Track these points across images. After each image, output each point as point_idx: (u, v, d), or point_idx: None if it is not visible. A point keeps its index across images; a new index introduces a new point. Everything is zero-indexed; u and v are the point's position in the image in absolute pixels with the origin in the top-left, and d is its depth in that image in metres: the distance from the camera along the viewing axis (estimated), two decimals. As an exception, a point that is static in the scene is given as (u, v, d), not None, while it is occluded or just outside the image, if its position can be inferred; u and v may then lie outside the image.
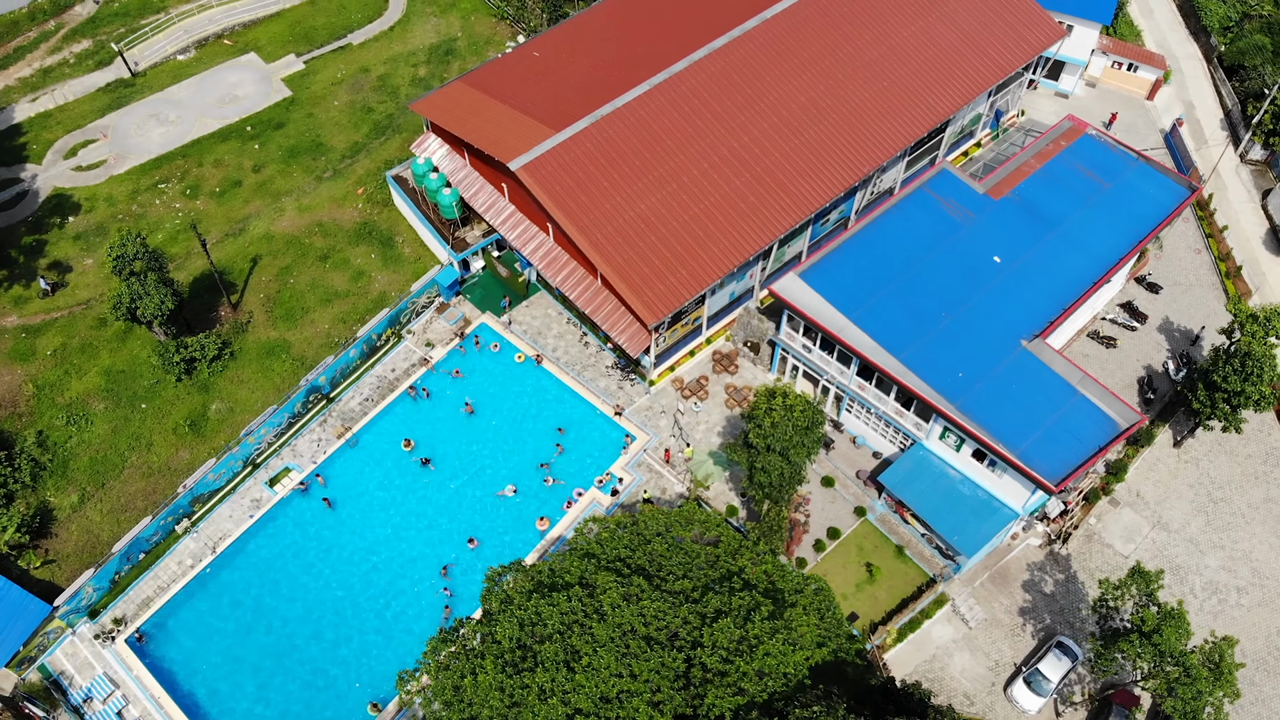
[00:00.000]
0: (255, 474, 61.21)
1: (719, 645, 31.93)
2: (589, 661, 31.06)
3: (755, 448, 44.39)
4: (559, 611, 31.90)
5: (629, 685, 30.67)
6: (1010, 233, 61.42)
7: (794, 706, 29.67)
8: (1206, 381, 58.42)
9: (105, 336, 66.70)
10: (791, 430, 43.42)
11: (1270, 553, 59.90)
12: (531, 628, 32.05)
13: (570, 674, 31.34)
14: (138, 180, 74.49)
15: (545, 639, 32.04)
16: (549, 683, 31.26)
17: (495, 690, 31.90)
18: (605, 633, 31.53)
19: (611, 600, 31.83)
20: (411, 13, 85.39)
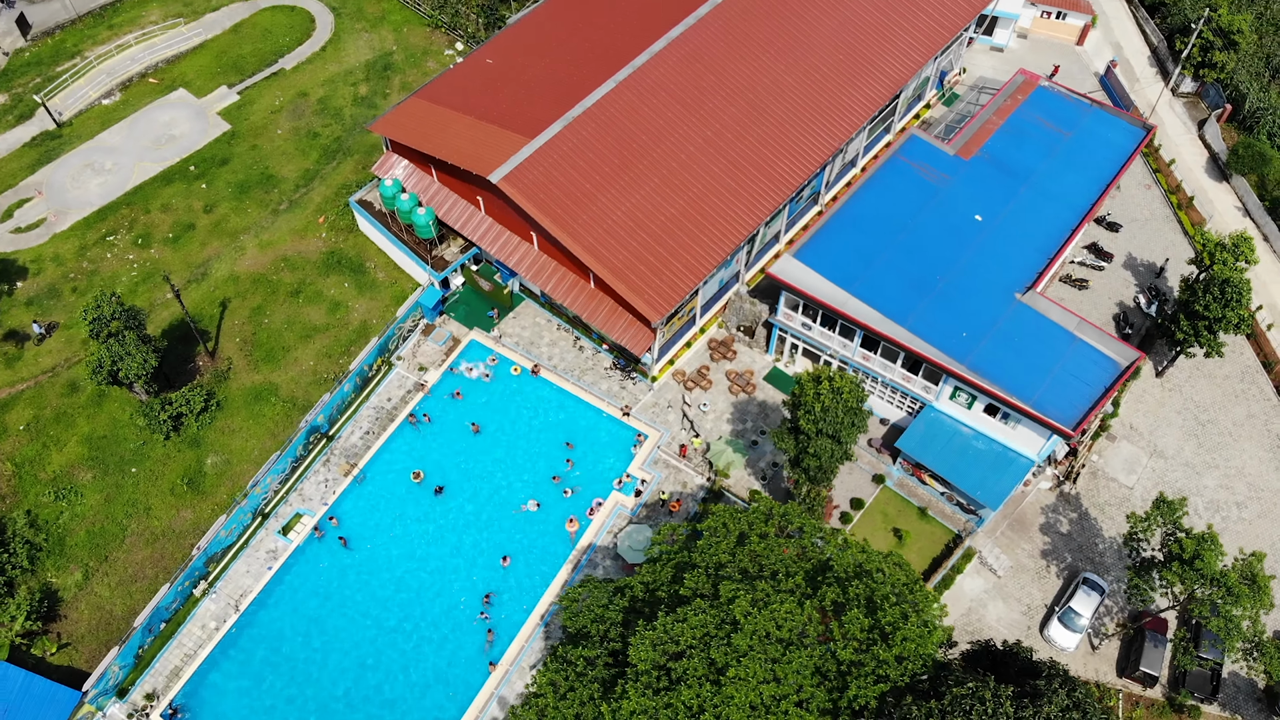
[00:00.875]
0: (266, 524, 59.32)
1: (851, 636, 32.31)
2: (735, 672, 31.12)
3: (806, 433, 44.80)
4: (689, 627, 31.80)
5: (775, 690, 30.88)
6: (986, 190, 62.97)
7: (949, 685, 30.19)
8: (1188, 312, 60.92)
9: (79, 403, 63.62)
10: (842, 412, 43.98)
11: (1261, 465, 63.01)
12: (662, 645, 31.90)
13: (716, 687, 31.34)
14: (83, 235, 70.99)
15: (680, 655, 31.93)
16: (694, 699, 31.23)
17: (642, 715, 31.67)
18: (744, 641, 31.61)
19: (742, 608, 31.88)
20: (341, 31, 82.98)
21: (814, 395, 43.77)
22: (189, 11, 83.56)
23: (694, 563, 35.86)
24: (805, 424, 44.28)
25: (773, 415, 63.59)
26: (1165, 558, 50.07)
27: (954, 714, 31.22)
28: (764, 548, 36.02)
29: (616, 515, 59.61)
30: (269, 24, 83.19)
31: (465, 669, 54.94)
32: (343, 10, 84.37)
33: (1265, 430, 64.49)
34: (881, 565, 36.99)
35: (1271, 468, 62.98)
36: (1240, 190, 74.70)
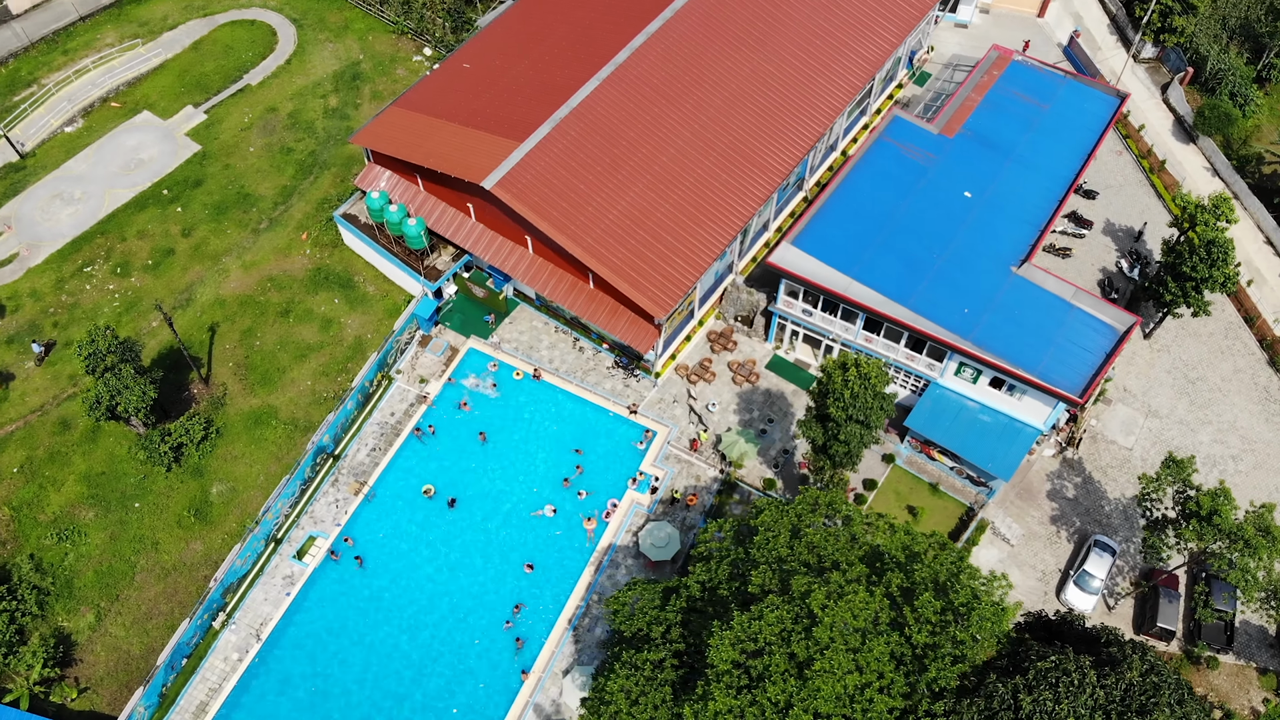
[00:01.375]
0: (280, 549, 58.43)
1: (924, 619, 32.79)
2: (821, 665, 31.41)
3: (835, 420, 45.19)
4: (766, 624, 31.98)
5: (859, 679, 31.22)
6: (972, 167, 63.86)
7: (1030, 660, 30.72)
8: (1175, 273, 62.35)
9: (73, 440, 62.01)
10: (870, 398, 44.45)
11: (1252, 419, 64.87)
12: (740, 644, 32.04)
13: (801, 681, 31.58)
14: (59, 268, 69.06)
15: (758, 653, 32.09)
16: (781, 695, 31.43)
17: (729, 715, 31.80)
18: (825, 634, 31.88)
19: (819, 601, 32.16)
20: (305, 43, 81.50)
21: (842, 382, 44.15)
22: (145, 32, 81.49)
23: (754, 559, 36.06)
24: (835, 411, 44.70)
25: (777, 403, 64.03)
26: (1181, 515, 51.36)
27: (1040, 688, 31.92)
28: (820, 538, 36.37)
29: (634, 514, 59.68)
30: (230, 40, 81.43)
31: (497, 678, 54.75)
32: (304, 21, 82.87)
33: (1253, 384, 66.37)
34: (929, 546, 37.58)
35: (1261, 420, 64.87)
36: (1207, 151, 76.56)
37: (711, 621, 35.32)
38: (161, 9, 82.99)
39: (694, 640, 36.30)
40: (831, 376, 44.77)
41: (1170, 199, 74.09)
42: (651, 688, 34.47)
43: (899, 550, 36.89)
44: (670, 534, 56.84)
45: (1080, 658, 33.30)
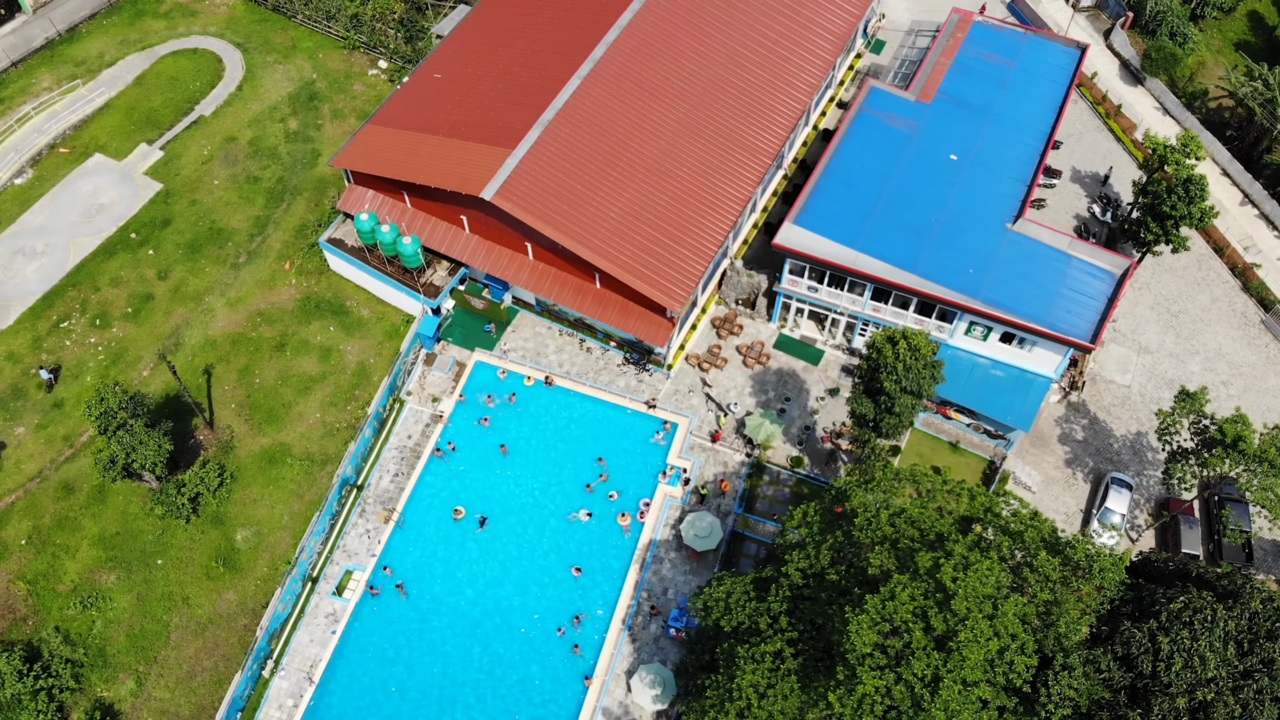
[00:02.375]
0: (318, 588, 57.20)
1: (1045, 577, 33.79)
2: (965, 635, 32.15)
3: (889, 393, 45.99)
4: (901, 603, 32.54)
5: (999, 644, 32.04)
6: (953, 130, 65.23)
7: (1160, 602, 31.82)
8: (1155, 213, 64.66)
9: (80, 504, 59.63)
10: (921, 368, 45.36)
11: (1235, 344, 67.88)
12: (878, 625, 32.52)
13: (946, 654, 32.31)
14: (34, 326, 66.05)
15: (893, 632, 32.64)
16: (927, 669, 32.09)
17: (877, 695, 32.34)
18: (963, 605, 32.61)
19: (949, 574, 32.85)
20: (253, 67, 78.99)
21: (894, 356, 44.96)
22: (84, 71, 78.02)
23: (859, 541, 36.66)
24: (889, 385, 45.52)
25: (791, 381, 64.80)
26: (1202, 444, 53.57)
27: (1175, 628, 33.23)
28: (918, 513, 37.20)
29: (668, 507, 59.92)
30: (174, 71, 78.47)
31: (560, 689, 54.63)
32: (249, 45, 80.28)
33: (1231, 310, 69.42)
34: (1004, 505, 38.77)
35: (1244, 345, 67.94)
36: (1156, 91, 79.40)
37: (826, 607, 35.88)
38: (96, 46, 79.53)
39: (806, 627, 36.82)
40: (882, 351, 45.54)
41: (1130, 142, 76.76)
42: (777, 678, 34.90)
43: (979, 512, 37.96)
44: (712, 523, 57.26)
45: (1203, 594, 34.82)
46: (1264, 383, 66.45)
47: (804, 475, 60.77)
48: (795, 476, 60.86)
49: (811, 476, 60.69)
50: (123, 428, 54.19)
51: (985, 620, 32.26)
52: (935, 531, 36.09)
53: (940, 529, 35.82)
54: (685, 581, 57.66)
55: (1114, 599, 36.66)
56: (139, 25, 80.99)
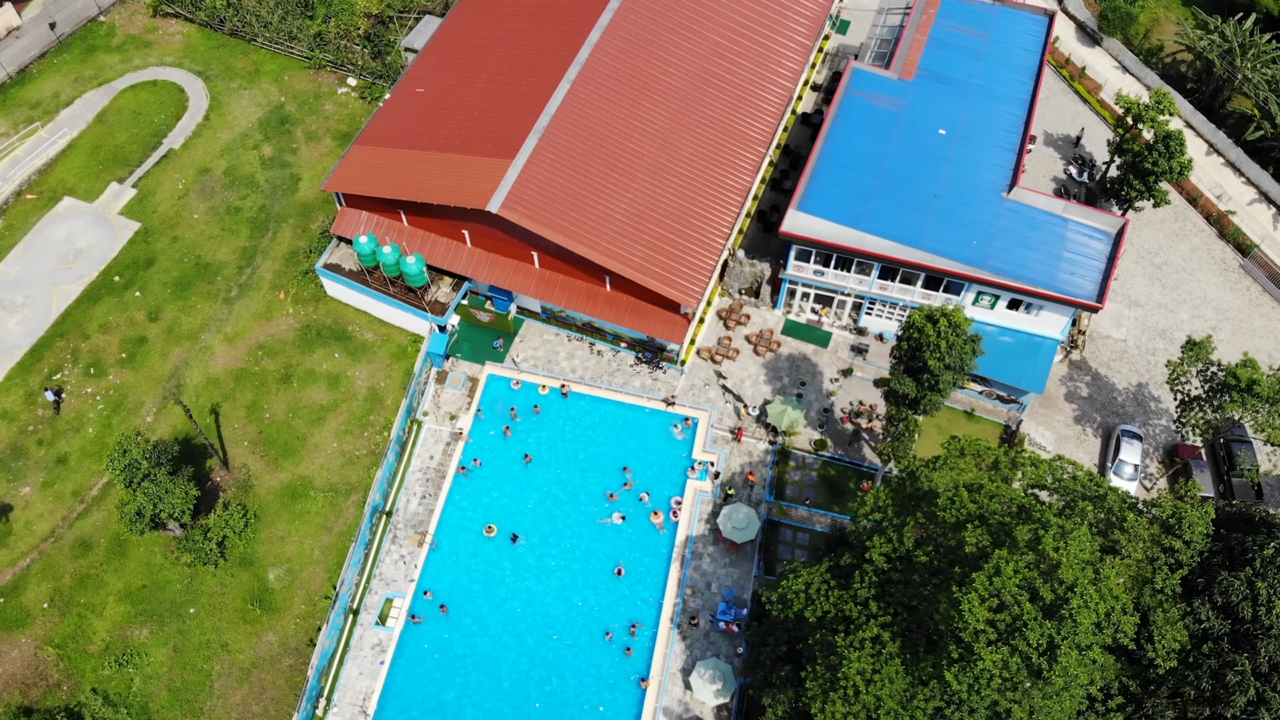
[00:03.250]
0: (360, 619, 56.39)
1: (1137, 537, 34.79)
2: (1077, 601, 32.99)
3: (932, 371, 46.78)
4: (1007, 578, 33.20)
5: (1104, 606, 32.94)
6: (938, 104, 66.35)
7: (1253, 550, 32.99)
8: (1137, 170, 66.57)
9: (99, 560, 57.88)
10: (962, 344, 46.26)
11: (1218, 290, 70.35)
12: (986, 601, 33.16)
13: (1059, 620, 33.15)
14: (25, 381, 63.76)
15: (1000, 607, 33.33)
16: (1042, 639, 32.92)
17: (996, 669, 32.98)
18: (1070, 573, 33.44)
19: (1051, 544, 33.63)
20: (218, 95, 76.93)
21: (936, 334, 45.78)
22: (40, 113, 75.18)
23: (945, 520, 37.35)
24: (933, 362, 46.30)
25: (803, 365, 65.47)
26: (1216, 389, 55.45)
27: (1270, 573, 34.49)
28: (997, 488, 38.06)
29: (700, 502, 60.23)
30: (136, 105, 76.05)
31: (618, 695, 54.72)
32: (209, 73, 78.15)
33: (1210, 258, 71.89)
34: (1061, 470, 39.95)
35: (1226, 290, 70.45)
36: (1114, 51, 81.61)
37: (919, 589, 36.51)
38: (50, 86, 76.69)
39: (898, 610, 37.42)
40: (923, 330, 46.31)
41: (1097, 103, 78.84)
42: (880, 663, 35.47)
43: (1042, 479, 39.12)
44: (748, 513, 57.72)
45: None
46: (1250, 325, 69.01)
47: (829, 458, 61.54)
48: (821, 460, 61.61)
49: (837, 458, 61.49)
50: (147, 478, 52.68)
51: (1091, 585, 33.26)
52: (1017, 504, 37.03)
53: (1023, 501, 36.77)
54: (727, 575, 58.08)
55: (1202, 551, 38.07)
56: (92, 61, 78.32)
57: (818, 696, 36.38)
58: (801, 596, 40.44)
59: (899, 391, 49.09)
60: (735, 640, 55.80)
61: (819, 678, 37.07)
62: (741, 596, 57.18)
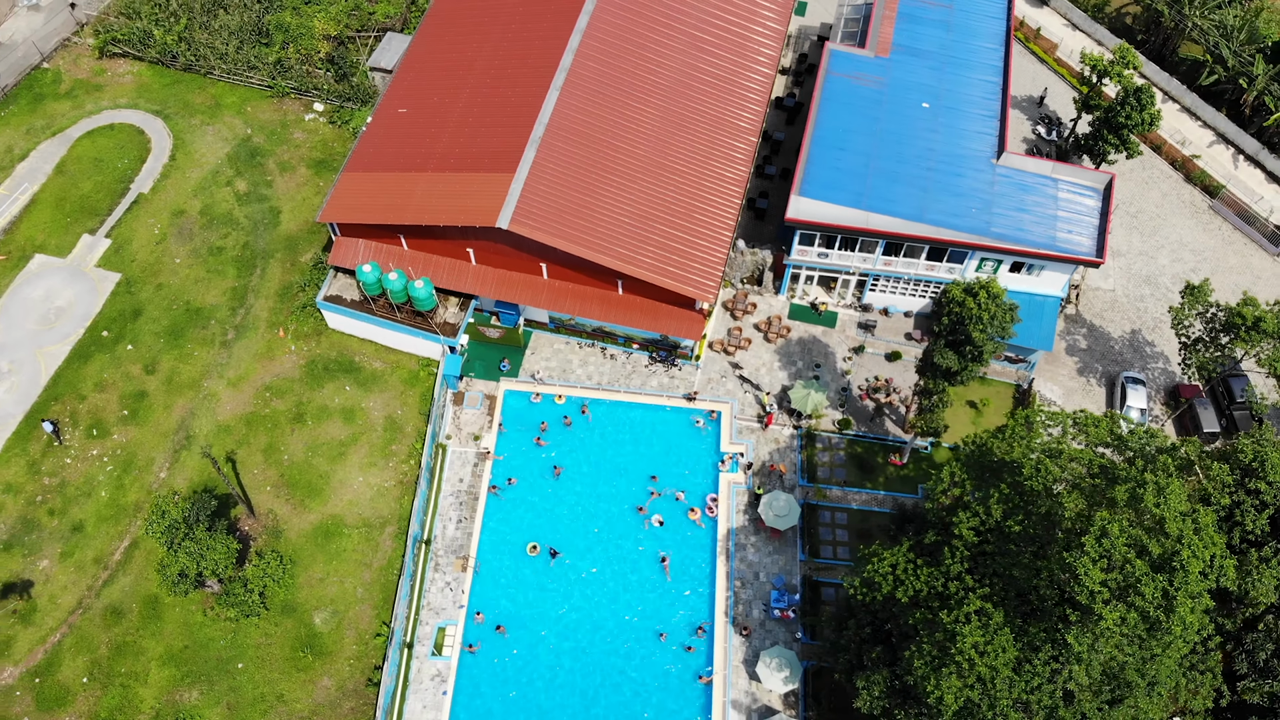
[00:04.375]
0: (415, 652, 55.67)
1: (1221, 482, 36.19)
2: (1187, 553, 34.24)
3: (975, 343, 47.83)
4: (1115, 538, 34.22)
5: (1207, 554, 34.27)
6: (917, 79, 67.55)
7: None
8: (1110, 125, 68.63)
9: (133, 626, 56.06)
10: (1004, 313, 47.42)
11: (1193, 232, 73.11)
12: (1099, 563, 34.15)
13: (1171, 572, 34.40)
14: (24, 449, 61.25)
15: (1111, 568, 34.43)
16: (1156, 592, 34.08)
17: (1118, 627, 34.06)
18: (1175, 526, 34.67)
19: (1152, 501, 34.76)
20: (180, 133, 74.44)
21: (978, 307, 46.84)
22: (-6, 169, 72.10)
23: (1033, 490, 38.32)
24: (978, 334, 47.37)
25: (814, 347, 66.32)
26: (1221, 329, 57.67)
27: None
28: (1077, 451, 39.22)
29: (735, 494, 60.74)
30: (95, 152, 73.20)
31: (684, 694, 55.06)
32: (168, 111, 75.57)
33: (1180, 202, 74.65)
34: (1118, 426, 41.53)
35: (1200, 231, 73.26)
36: (1061, 9, 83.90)
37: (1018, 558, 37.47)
38: (2, 140, 73.39)
39: (996, 581, 38.30)
40: (964, 304, 47.30)
41: (1054, 62, 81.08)
42: (990, 634, 36.37)
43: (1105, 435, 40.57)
44: (788, 500, 58.39)
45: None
46: (1226, 262, 71.90)
47: (855, 436, 62.58)
48: (847, 439, 62.60)
49: (862, 436, 62.55)
50: (187, 537, 51.18)
51: (1194, 535, 34.63)
52: (1097, 465, 38.28)
53: (1103, 462, 38.03)
54: (773, 563, 58.74)
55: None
56: (42, 110, 75.13)
57: (929, 674, 37.18)
58: (890, 578, 41.21)
59: (942, 365, 50.09)
60: (792, 626, 56.57)
61: (925, 655, 37.89)
62: (791, 582, 57.94)
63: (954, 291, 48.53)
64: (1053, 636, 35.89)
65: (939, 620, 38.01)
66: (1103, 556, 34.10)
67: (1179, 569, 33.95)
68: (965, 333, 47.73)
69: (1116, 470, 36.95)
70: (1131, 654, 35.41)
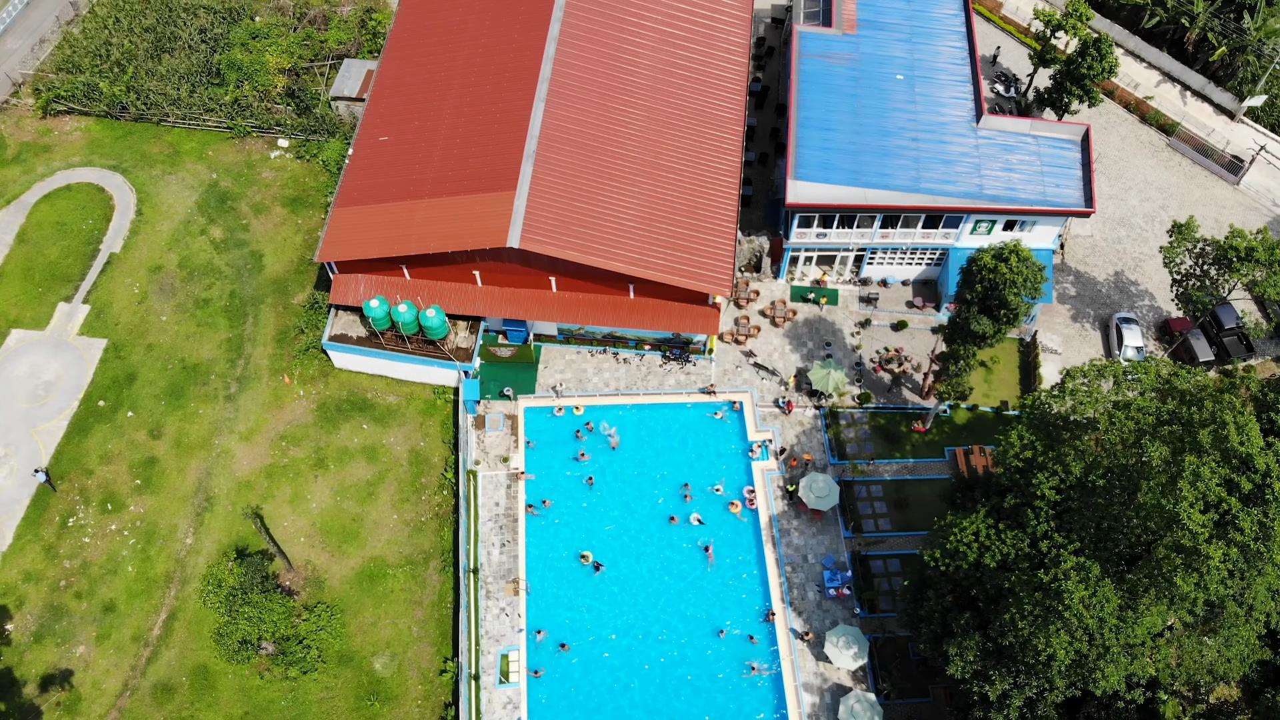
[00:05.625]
0: (483, 683, 55.14)
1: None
2: (1278, 485, 35.83)
3: (1010, 306, 49.06)
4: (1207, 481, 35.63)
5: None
6: (888, 52, 68.63)
7: None
8: (1072, 77, 70.70)
9: (186, 700, 54.33)
10: (1035, 274, 48.71)
11: (1155, 170, 75.90)
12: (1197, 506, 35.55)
13: (1264, 505, 35.89)
14: (37, 534, 58.71)
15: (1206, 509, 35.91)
16: (1253, 526, 35.62)
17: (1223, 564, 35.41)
18: (1262, 461, 36.13)
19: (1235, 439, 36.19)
20: (142, 185, 71.62)
21: (1011, 270, 48.05)
22: (-49, 245, 68.51)
23: (1109, 442, 39.55)
24: (1013, 298, 48.63)
25: (820, 326, 67.21)
26: (1213, 262, 60.13)
27: None
28: (1144, 400, 40.67)
29: (770, 481, 61.41)
30: (56, 216, 70.05)
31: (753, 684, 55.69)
32: (124, 165, 72.65)
33: (1139, 141, 77.43)
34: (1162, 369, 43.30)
35: (1162, 169, 76.11)
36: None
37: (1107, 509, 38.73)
38: (-48, 215, 69.93)
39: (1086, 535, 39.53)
40: (997, 270, 48.45)
41: (1000, 20, 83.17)
42: (1092, 586, 37.59)
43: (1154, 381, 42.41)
44: (827, 480, 59.26)
45: None
46: (1191, 196, 74.86)
47: (876, 408, 63.73)
48: (868, 412, 63.71)
49: (882, 408, 63.73)
50: (245, 602, 49.80)
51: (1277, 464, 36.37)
52: (1166, 411, 39.77)
53: (1169, 408, 39.56)
54: (818, 543, 59.61)
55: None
56: (-10, 178, 71.77)
57: (1035, 632, 38.31)
58: (975, 546, 42.26)
59: (977, 331, 51.30)
60: (848, 603, 57.55)
61: (1028, 615, 39.03)
62: (840, 560, 58.89)
63: (984, 259, 49.72)
64: (1154, 580, 37.39)
65: (1036, 580, 39.20)
66: (1200, 499, 35.58)
67: (1272, 500, 35.67)
68: (999, 297, 48.97)
69: (1189, 414, 38.50)
70: (1232, 587, 37.13)
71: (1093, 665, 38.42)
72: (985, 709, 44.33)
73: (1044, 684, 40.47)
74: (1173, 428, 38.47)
